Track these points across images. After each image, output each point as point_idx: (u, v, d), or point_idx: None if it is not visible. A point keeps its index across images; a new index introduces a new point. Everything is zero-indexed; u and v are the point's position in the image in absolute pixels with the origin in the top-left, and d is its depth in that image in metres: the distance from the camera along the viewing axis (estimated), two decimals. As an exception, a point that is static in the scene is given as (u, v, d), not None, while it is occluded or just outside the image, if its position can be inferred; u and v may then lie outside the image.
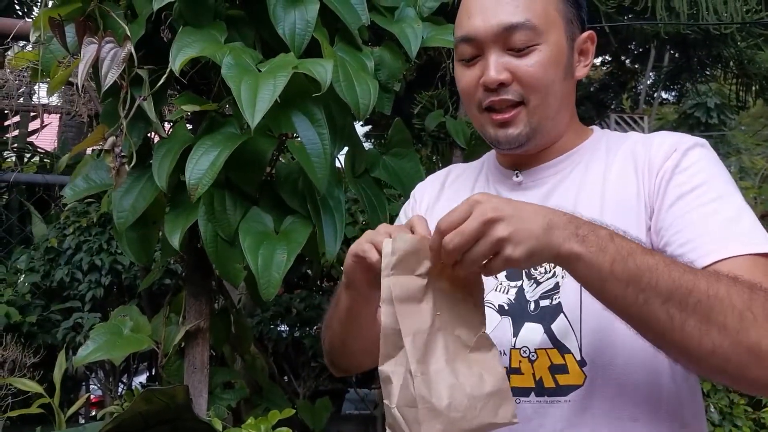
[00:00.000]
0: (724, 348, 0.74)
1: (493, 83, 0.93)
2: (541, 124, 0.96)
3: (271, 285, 1.48)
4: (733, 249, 0.82)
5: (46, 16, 1.53)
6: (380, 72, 1.69)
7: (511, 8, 0.92)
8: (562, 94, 0.97)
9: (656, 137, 0.97)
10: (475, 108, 0.98)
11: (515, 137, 0.96)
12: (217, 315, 1.99)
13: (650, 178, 0.92)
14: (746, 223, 0.85)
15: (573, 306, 0.89)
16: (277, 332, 3.18)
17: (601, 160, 0.99)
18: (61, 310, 3.07)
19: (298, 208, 1.63)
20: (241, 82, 1.39)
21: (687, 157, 0.91)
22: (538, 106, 0.94)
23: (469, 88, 0.97)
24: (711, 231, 0.84)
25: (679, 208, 0.88)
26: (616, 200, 0.92)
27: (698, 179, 0.89)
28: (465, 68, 0.98)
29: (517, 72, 0.93)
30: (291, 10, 1.52)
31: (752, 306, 0.74)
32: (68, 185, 1.78)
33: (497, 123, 0.96)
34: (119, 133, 1.60)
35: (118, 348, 1.71)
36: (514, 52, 0.93)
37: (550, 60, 0.93)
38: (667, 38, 4.69)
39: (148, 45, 1.59)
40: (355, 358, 1.08)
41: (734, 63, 4.87)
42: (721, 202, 0.87)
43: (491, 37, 0.93)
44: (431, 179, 1.17)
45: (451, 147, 2.93)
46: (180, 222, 1.62)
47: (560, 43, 0.95)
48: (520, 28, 0.92)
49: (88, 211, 3.15)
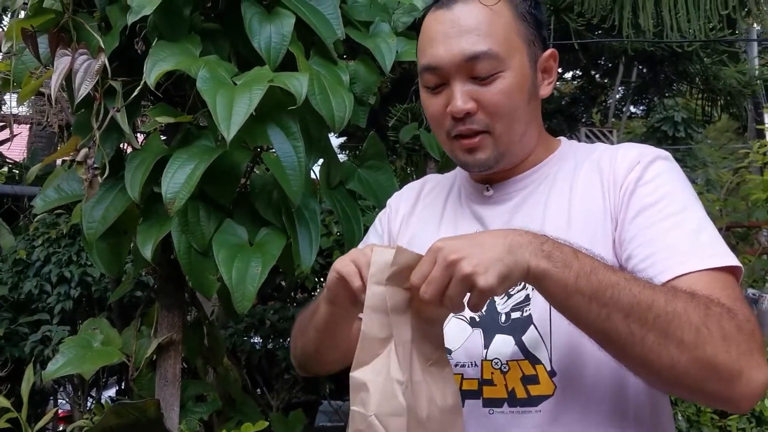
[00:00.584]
0: (682, 362, 0.76)
1: (459, 113, 0.94)
2: (509, 149, 0.98)
3: (245, 298, 1.48)
4: (693, 264, 0.84)
5: (18, 26, 1.52)
6: (355, 85, 1.71)
7: (473, 37, 0.93)
8: (527, 117, 0.98)
9: (621, 149, 0.99)
10: (444, 135, 0.99)
11: (483, 161, 0.98)
12: (189, 327, 1.97)
13: (615, 191, 0.94)
14: (706, 237, 0.87)
15: (543, 318, 0.91)
16: (250, 344, 3.16)
17: (569, 172, 1.00)
18: (29, 323, 3.02)
19: (272, 219, 1.64)
20: (216, 96, 1.39)
21: (649, 170, 0.93)
22: (503, 133, 0.96)
23: (437, 116, 0.98)
24: (671, 246, 0.86)
25: (642, 221, 0.90)
26: (582, 213, 0.94)
27: (660, 192, 0.91)
28: (431, 96, 0.98)
29: (482, 101, 0.94)
30: (266, 23, 1.54)
31: (708, 322, 0.77)
32: (39, 195, 1.76)
33: (465, 148, 0.97)
34: (92, 144, 1.60)
35: (88, 361, 1.68)
36: (479, 80, 0.93)
37: (514, 86, 0.94)
38: (634, 54, 4.80)
39: (121, 57, 1.59)
40: (326, 365, 1.11)
41: (700, 79, 5.00)
42: (681, 216, 0.89)
43: (455, 67, 0.93)
44: (407, 190, 1.18)
45: (425, 159, 2.96)
46: (153, 233, 1.61)
47: (523, 67, 0.96)
48: (483, 57, 0.92)
49: (57, 223, 3.11)
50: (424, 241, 0.86)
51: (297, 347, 1.12)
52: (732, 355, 0.76)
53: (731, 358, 0.76)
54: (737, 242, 4.28)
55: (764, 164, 4.13)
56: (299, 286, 3.39)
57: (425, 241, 0.83)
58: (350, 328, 1.00)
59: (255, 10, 1.55)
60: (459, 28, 0.94)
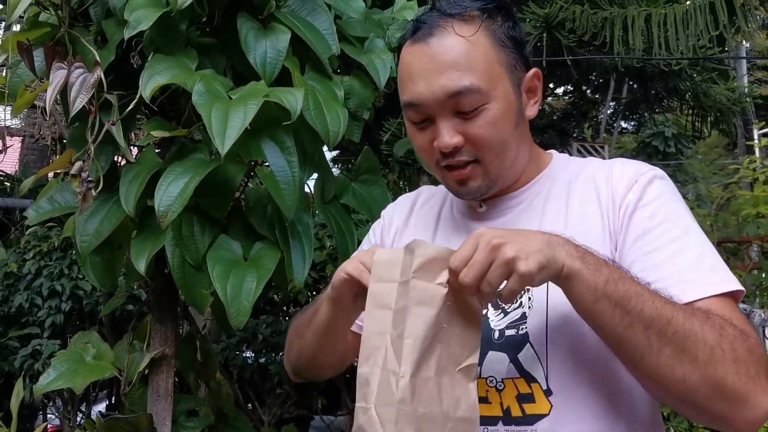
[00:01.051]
0: (694, 379, 0.78)
1: (447, 148, 0.93)
2: (499, 175, 0.98)
3: (240, 313, 1.48)
4: (698, 292, 0.85)
5: (14, 39, 1.53)
6: (350, 100, 1.72)
7: (454, 73, 0.90)
8: (516, 143, 0.97)
9: (616, 166, 0.98)
10: (434, 165, 0.99)
11: (475, 190, 0.98)
12: (182, 341, 1.97)
13: (613, 210, 0.94)
14: (709, 262, 0.88)
15: (539, 336, 0.91)
16: (242, 358, 3.15)
17: (563, 188, 1.00)
18: (19, 336, 3.00)
19: (267, 233, 1.64)
20: (211, 110, 1.40)
21: (649, 191, 0.93)
22: (492, 161, 0.95)
23: (425, 149, 0.97)
24: (675, 273, 0.87)
25: (644, 245, 0.90)
26: (579, 229, 0.94)
27: (661, 215, 0.91)
28: (416, 130, 0.97)
29: (468, 134, 0.93)
30: (262, 39, 1.55)
31: (722, 342, 0.78)
32: (32, 207, 1.75)
33: (456, 179, 0.97)
34: (86, 157, 1.60)
35: (80, 376, 1.67)
36: (463, 115, 0.92)
37: (500, 116, 0.93)
38: (625, 71, 4.85)
39: (117, 70, 1.59)
40: (321, 369, 1.12)
41: (690, 95, 5.05)
42: (684, 241, 0.89)
43: (438, 104, 0.92)
44: (401, 201, 1.19)
45: (418, 173, 2.98)
46: (147, 247, 1.61)
47: (507, 95, 0.94)
48: (466, 92, 0.90)
49: (49, 236, 3.10)
50: None
51: (293, 351, 1.12)
52: (741, 378, 0.78)
53: (740, 381, 0.78)
54: (728, 257, 4.30)
55: (754, 180, 4.17)
56: (292, 300, 3.38)
57: None
58: (347, 330, 1.03)
59: (251, 26, 1.56)
60: (438, 64, 0.91)
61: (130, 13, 1.44)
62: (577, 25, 4.07)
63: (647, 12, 4.03)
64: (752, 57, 9.73)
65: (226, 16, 1.63)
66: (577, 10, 4.10)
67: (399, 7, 1.90)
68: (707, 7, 3.91)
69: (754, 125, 7.83)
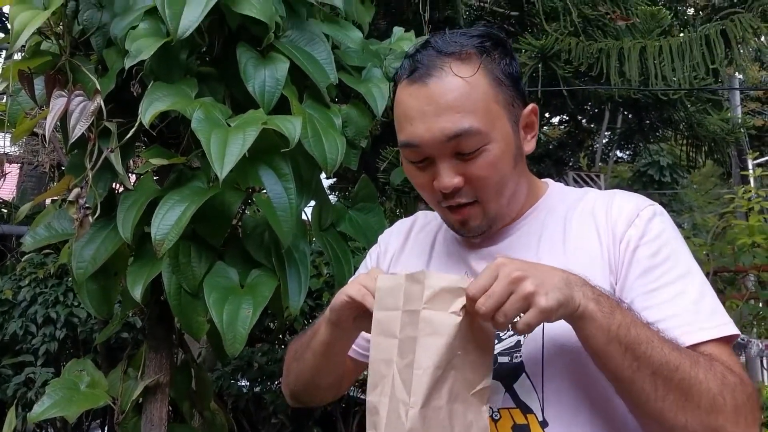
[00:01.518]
0: (695, 425, 0.79)
1: (447, 189, 0.93)
2: (499, 213, 0.98)
3: (236, 341, 1.47)
4: (697, 336, 0.86)
5: (16, 68, 1.54)
6: (348, 129, 1.74)
7: (453, 115, 0.90)
8: (515, 180, 0.98)
9: (616, 199, 0.98)
10: (435, 203, 0.99)
11: (476, 228, 0.98)
12: (177, 369, 1.95)
13: (614, 244, 0.93)
14: (708, 305, 0.89)
15: (535, 366, 0.91)
16: (237, 387, 3.12)
17: (559, 218, 1.00)
18: (12, 364, 2.97)
19: (264, 261, 1.64)
20: (210, 136, 1.41)
21: (651, 228, 0.93)
22: (491, 200, 0.95)
23: (425, 187, 0.98)
24: (676, 315, 0.87)
25: (646, 283, 0.90)
26: (579, 262, 0.93)
27: (663, 254, 0.91)
28: (415, 169, 0.97)
29: (468, 175, 0.93)
30: (261, 68, 1.56)
31: (724, 391, 0.80)
32: (28, 233, 1.75)
33: (457, 220, 0.98)
34: (84, 184, 1.60)
35: (74, 404, 1.66)
36: (463, 156, 0.92)
37: (499, 156, 0.93)
38: (620, 101, 4.90)
39: (117, 98, 1.61)
40: (320, 392, 1.11)
41: (684, 125, 5.09)
42: (684, 282, 0.90)
43: (437, 146, 0.91)
44: (398, 227, 1.19)
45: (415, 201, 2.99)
46: (143, 274, 1.61)
47: (507, 134, 0.94)
48: (466, 134, 0.90)
49: (45, 263, 3.09)
50: None
51: (291, 374, 1.11)
52: (740, 427, 0.80)
53: (739, 429, 0.80)
54: (725, 287, 4.30)
55: (749, 210, 4.19)
56: (288, 328, 3.36)
57: None
58: (346, 353, 1.04)
59: (250, 55, 1.58)
60: (437, 106, 0.90)
61: (131, 43, 1.46)
62: (572, 56, 4.12)
63: (642, 44, 4.09)
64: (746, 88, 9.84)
65: (226, 46, 1.65)
66: (573, 41, 4.16)
67: (396, 38, 1.92)
68: (702, 40, 3.97)
69: (749, 155, 7.89)
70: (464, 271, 1.02)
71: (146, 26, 1.50)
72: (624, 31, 4.28)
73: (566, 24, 4.26)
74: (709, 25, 4.01)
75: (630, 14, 4.32)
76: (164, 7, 1.43)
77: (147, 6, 1.52)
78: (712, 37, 3.93)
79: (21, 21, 1.44)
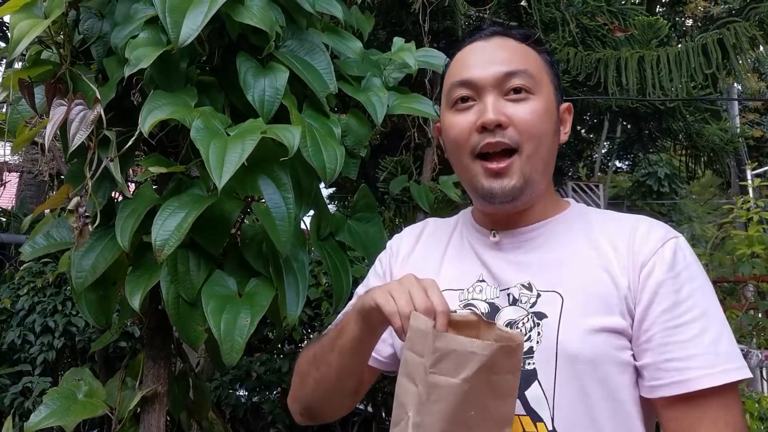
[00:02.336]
0: None
1: (492, 123, 0.94)
2: (532, 177, 0.97)
3: (234, 350, 1.47)
4: (709, 380, 0.87)
5: (16, 77, 1.55)
6: (347, 138, 1.74)
7: (509, 59, 0.98)
8: (550, 149, 1.00)
9: (641, 226, 0.97)
10: (468, 155, 0.98)
11: (510, 189, 0.96)
12: (175, 379, 1.94)
13: (633, 268, 0.93)
14: (724, 347, 0.90)
15: (548, 376, 0.91)
16: (235, 397, 3.11)
17: (582, 235, 0.99)
18: (10, 373, 2.96)
19: (262, 270, 1.64)
20: (209, 145, 1.41)
21: (677, 261, 0.93)
22: (531, 155, 0.96)
23: (463, 133, 0.98)
24: (693, 356, 0.88)
25: (669, 319, 0.90)
26: (597, 284, 0.94)
27: (687, 290, 0.92)
28: (457, 114, 0.99)
29: (513, 117, 0.95)
30: (261, 77, 1.57)
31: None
32: (27, 242, 1.74)
33: (491, 173, 0.96)
34: (84, 193, 1.60)
35: (72, 414, 1.65)
36: (511, 96, 0.96)
37: (544, 110, 0.97)
38: (619, 111, 4.91)
39: (117, 107, 1.61)
40: (342, 398, 1.08)
41: (683, 136, 5.10)
42: (704, 322, 0.90)
43: (490, 81, 0.97)
44: (408, 232, 1.18)
45: (414, 210, 2.99)
46: (142, 283, 1.60)
47: (551, 100, 1.00)
48: (519, 74, 0.97)
49: (44, 271, 3.09)
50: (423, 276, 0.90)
51: (308, 384, 1.07)
52: None
53: None
54: (724, 297, 4.30)
55: (748, 220, 4.19)
56: (286, 338, 3.35)
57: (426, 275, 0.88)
58: (374, 347, 1.01)
59: (250, 65, 1.58)
60: (496, 54, 0.99)
61: (131, 51, 1.46)
62: (571, 66, 4.14)
63: (640, 54, 4.10)
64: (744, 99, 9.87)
65: (226, 55, 1.66)
66: (571, 51, 4.18)
67: (396, 48, 1.93)
68: (700, 49, 3.99)
69: (748, 166, 7.91)
70: (480, 271, 1.02)
71: (147, 35, 1.51)
72: (622, 42, 4.30)
73: (565, 34, 4.27)
74: (706, 35, 4.02)
75: (628, 25, 4.35)
76: (165, 16, 1.43)
77: (148, 15, 1.53)
78: (709, 46, 3.94)
79: (21, 30, 1.44)
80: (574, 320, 0.91)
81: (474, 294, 1.00)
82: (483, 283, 1.00)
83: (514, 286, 0.97)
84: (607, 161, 11.81)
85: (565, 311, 0.92)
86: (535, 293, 0.95)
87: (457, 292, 1.02)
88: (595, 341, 0.89)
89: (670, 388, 0.88)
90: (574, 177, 10.11)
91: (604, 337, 0.90)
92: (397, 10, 4.29)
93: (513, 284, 0.97)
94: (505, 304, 0.97)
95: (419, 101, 1.82)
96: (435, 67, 1.91)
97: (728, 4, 6.77)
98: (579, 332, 0.90)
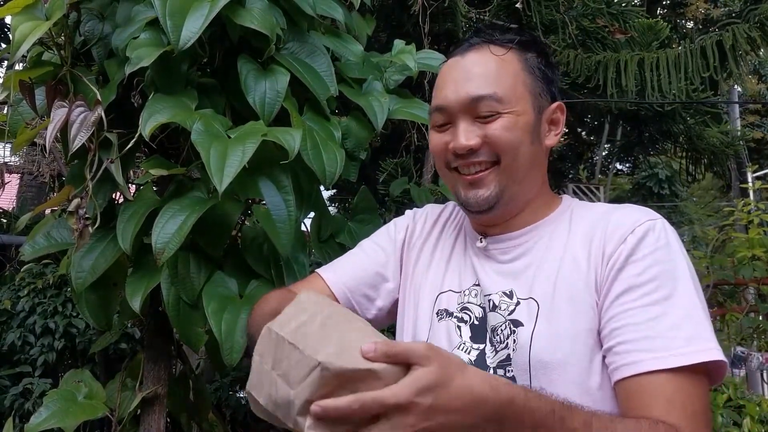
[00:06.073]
0: None
1: (462, 149, 0.98)
2: (509, 187, 0.99)
3: (234, 350, 1.47)
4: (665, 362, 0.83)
5: (17, 78, 1.55)
6: (347, 141, 1.74)
7: (480, 81, 0.98)
8: (530, 157, 0.99)
9: (614, 216, 0.96)
10: (445, 168, 1.03)
11: (485, 199, 0.99)
12: (175, 381, 1.94)
13: (602, 263, 0.92)
14: (687, 331, 0.85)
15: (524, 382, 0.90)
16: (235, 399, 3.11)
17: (562, 236, 0.99)
18: (10, 375, 2.96)
19: (262, 272, 1.64)
20: (210, 148, 1.41)
21: (642, 246, 0.91)
22: (508, 165, 0.98)
23: (438, 150, 1.03)
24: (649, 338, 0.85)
25: (626, 302, 0.88)
26: (567, 283, 0.93)
27: (649, 274, 0.89)
28: (437, 133, 1.04)
29: (486, 136, 0.97)
30: (262, 80, 1.57)
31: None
32: (28, 242, 1.75)
33: (467, 183, 1.00)
34: (84, 194, 1.60)
35: (72, 415, 1.65)
36: (482, 119, 0.97)
37: (515, 125, 0.97)
38: (619, 113, 4.91)
39: (118, 109, 1.61)
40: None
41: (683, 138, 5.10)
42: (665, 305, 0.87)
43: (459, 106, 0.98)
44: (430, 213, 1.19)
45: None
46: (142, 284, 1.61)
47: (526, 113, 0.99)
48: (486, 98, 0.97)
49: (44, 273, 3.09)
50: (425, 293, 0.99)
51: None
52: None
53: None
54: (725, 300, 4.29)
55: (749, 222, 4.19)
56: (287, 340, 3.35)
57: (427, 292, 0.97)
58: None
59: (251, 67, 1.58)
60: (468, 74, 1.00)
61: (132, 51, 1.46)
62: (571, 69, 4.14)
63: (640, 56, 4.11)
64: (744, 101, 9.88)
65: (227, 58, 1.66)
66: (571, 54, 4.18)
67: (397, 50, 1.93)
68: (699, 52, 3.99)
69: (748, 168, 7.91)
70: (473, 281, 1.03)
71: (147, 36, 1.51)
72: (623, 44, 4.31)
73: (565, 36, 4.28)
74: (706, 37, 4.03)
75: (628, 27, 4.35)
76: (165, 19, 1.43)
77: (148, 17, 1.53)
78: (708, 48, 3.95)
79: (22, 31, 1.45)
80: (546, 328, 0.91)
81: (470, 298, 1.02)
82: (477, 287, 1.02)
83: (495, 293, 0.99)
84: (608, 163, 11.82)
85: (540, 318, 0.92)
86: (515, 301, 0.96)
87: (456, 294, 1.04)
88: (566, 347, 0.89)
89: (621, 371, 0.85)
90: (575, 179, 10.11)
91: (577, 340, 0.89)
92: (397, 12, 4.30)
93: (495, 291, 0.99)
94: (489, 310, 0.99)
95: (419, 107, 1.82)
96: (435, 69, 1.91)
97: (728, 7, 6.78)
98: (551, 339, 0.90)
